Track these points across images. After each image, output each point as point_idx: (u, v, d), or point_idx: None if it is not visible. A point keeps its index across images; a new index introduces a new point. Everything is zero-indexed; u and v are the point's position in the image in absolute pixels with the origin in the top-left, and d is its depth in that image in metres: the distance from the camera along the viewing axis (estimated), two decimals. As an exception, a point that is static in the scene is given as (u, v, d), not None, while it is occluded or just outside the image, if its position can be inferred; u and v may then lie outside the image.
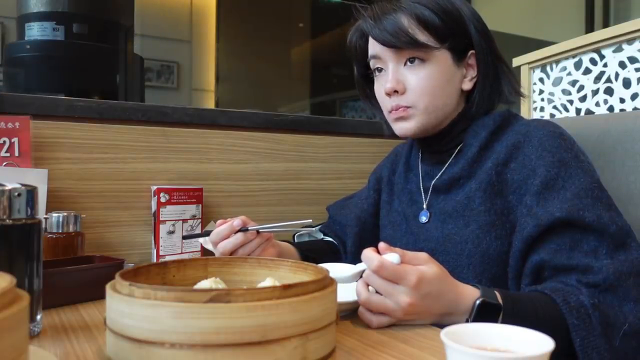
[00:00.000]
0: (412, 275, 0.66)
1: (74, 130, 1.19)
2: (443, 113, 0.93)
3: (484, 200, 0.86)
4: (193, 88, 3.77)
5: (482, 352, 0.42)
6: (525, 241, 0.79)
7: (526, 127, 0.89)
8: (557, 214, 0.77)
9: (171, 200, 1.22)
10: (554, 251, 0.77)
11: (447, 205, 0.91)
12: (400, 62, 0.91)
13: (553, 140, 0.84)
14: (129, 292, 0.50)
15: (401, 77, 0.91)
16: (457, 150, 0.95)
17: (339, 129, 1.54)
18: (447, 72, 0.91)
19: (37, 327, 0.62)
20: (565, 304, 0.71)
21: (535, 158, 0.83)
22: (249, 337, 0.48)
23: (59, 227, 0.99)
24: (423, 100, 0.90)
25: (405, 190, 1.03)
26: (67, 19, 1.58)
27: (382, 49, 0.91)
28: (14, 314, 0.34)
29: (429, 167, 1.00)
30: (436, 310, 0.68)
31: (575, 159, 0.83)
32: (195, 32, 3.74)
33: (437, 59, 0.90)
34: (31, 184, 0.61)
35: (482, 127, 0.93)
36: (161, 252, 1.21)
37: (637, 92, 1.23)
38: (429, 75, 0.90)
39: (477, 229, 0.85)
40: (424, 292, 0.66)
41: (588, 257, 0.75)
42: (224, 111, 1.39)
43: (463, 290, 0.70)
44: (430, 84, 0.90)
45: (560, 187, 0.80)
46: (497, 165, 0.87)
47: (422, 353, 0.58)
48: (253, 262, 0.71)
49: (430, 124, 0.93)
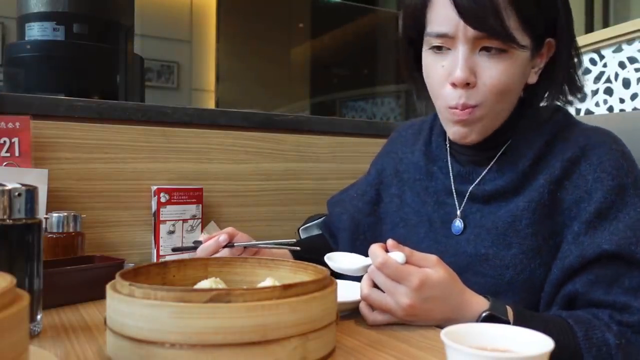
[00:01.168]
0: (415, 277, 0.64)
1: (74, 130, 1.19)
2: (506, 116, 0.80)
3: (532, 222, 0.75)
4: (193, 88, 3.77)
5: (482, 352, 0.42)
6: (566, 271, 0.72)
7: (585, 139, 0.78)
8: (604, 246, 0.70)
9: (171, 200, 1.22)
10: (591, 283, 0.70)
11: (485, 220, 0.80)
12: (476, 47, 0.73)
13: (614, 161, 0.75)
14: (129, 292, 0.50)
15: (473, 65, 0.73)
16: (502, 151, 0.82)
17: (339, 129, 1.54)
18: (524, 67, 0.76)
19: (37, 327, 0.62)
20: (586, 338, 0.66)
21: (592, 180, 0.74)
22: (249, 337, 0.48)
23: (59, 227, 0.99)
24: (494, 96, 0.74)
25: (429, 189, 0.89)
26: (67, 19, 1.58)
27: (458, 24, 0.72)
28: (14, 314, 0.34)
29: (463, 168, 0.86)
30: (438, 314, 0.66)
31: (634, 184, 0.74)
32: (195, 32, 3.75)
33: (518, 50, 0.73)
34: (31, 184, 0.61)
35: (536, 134, 0.80)
36: (161, 252, 1.21)
37: (636, 92, 1.23)
38: (507, 69, 0.73)
39: (520, 254, 0.75)
40: (425, 296, 0.64)
41: (628, 294, 0.69)
42: (224, 111, 1.39)
43: (470, 299, 0.67)
44: (507, 80, 0.74)
45: (614, 217, 0.72)
46: (550, 182, 0.76)
47: (422, 353, 0.58)
48: (253, 262, 0.71)
49: (491, 130, 0.80)
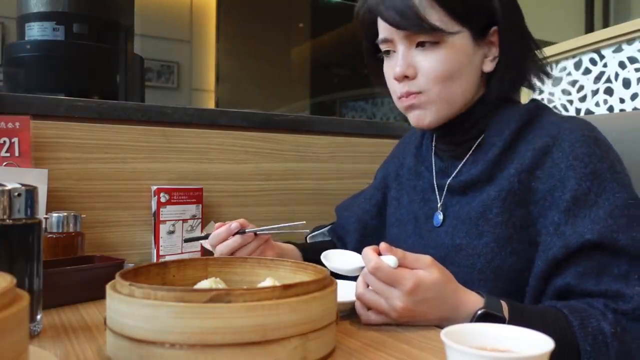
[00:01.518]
0: (408, 281, 0.64)
1: (74, 130, 1.19)
2: (461, 100, 0.83)
3: (502, 211, 0.77)
4: (193, 88, 3.77)
5: (482, 352, 0.42)
6: (550, 263, 0.72)
7: (557, 127, 0.78)
8: (587, 236, 0.70)
9: (171, 200, 1.22)
10: (581, 275, 0.70)
11: (460, 210, 0.83)
12: (411, 44, 0.81)
13: (586, 147, 0.75)
14: (129, 292, 0.50)
15: (412, 60, 0.81)
16: (477, 144, 0.86)
17: (339, 129, 1.54)
18: (466, 54, 0.80)
19: (37, 327, 0.62)
20: (581, 328, 0.66)
21: (565, 167, 0.74)
22: (249, 337, 0.48)
23: (59, 227, 0.99)
24: (436, 86, 0.80)
25: (417, 188, 0.95)
26: (67, 19, 1.57)
27: (390, 29, 0.81)
28: (14, 314, 0.34)
29: (443, 163, 0.91)
30: (433, 315, 0.67)
31: (611, 169, 0.74)
32: (195, 32, 3.74)
33: (454, 39, 0.79)
34: (31, 184, 0.61)
35: (505, 123, 0.83)
36: (161, 252, 1.21)
37: (637, 92, 1.23)
38: (444, 58, 0.79)
39: (491, 242, 0.77)
40: (419, 298, 0.65)
41: (618, 282, 0.69)
42: (224, 111, 1.39)
43: (465, 297, 0.68)
44: (446, 67, 0.79)
45: (592, 203, 0.72)
46: (520, 172, 0.78)
47: (423, 353, 0.58)
48: (253, 262, 0.71)
49: (447, 114, 0.83)
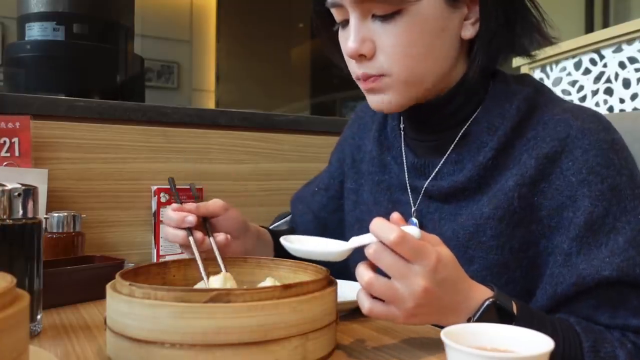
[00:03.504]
0: (432, 254, 0.52)
1: (74, 130, 1.19)
2: (435, 78, 0.67)
3: (498, 233, 0.64)
4: (193, 88, 3.77)
5: (482, 352, 0.42)
6: (558, 299, 0.62)
7: (565, 128, 0.64)
8: (604, 272, 0.59)
9: (171, 200, 1.22)
10: (594, 308, 0.61)
11: (444, 227, 0.68)
12: (365, 14, 0.65)
13: (603, 157, 0.61)
14: (129, 292, 0.50)
15: (368, 33, 0.65)
16: (461, 136, 0.70)
17: (339, 129, 1.53)
18: (437, 21, 0.64)
19: (37, 327, 0.62)
20: (593, 350, 0.58)
21: (577, 182, 0.61)
22: (249, 337, 0.48)
23: (59, 227, 0.99)
24: (399, 66, 0.65)
25: (382, 184, 0.78)
26: (68, 19, 1.58)
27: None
28: (14, 314, 0.34)
29: (418, 159, 0.74)
30: (447, 301, 0.55)
31: (631, 183, 0.62)
32: (195, 32, 3.74)
33: (419, 6, 0.63)
34: (31, 184, 0.61)
35: (499, 116, 0.67)
36: (161, 252, 1.21)
37: (636, 92, 1.23)
38: (408, 29, 0.63)
39: (483, 270, 0.65)
40: (440, 277, 0.53)
41: (637, 316, 0.60)
42: (224, 111, 1.39)
43: (475, 285, 0.57)
44: (411, 42, 0.64)
45: (611, 228, 0.60)
46: (522, 185, 0.64)
47: (423, 353, 0.58)
48: (253, 262, 0.71)
49: (415, 97, 0.68)
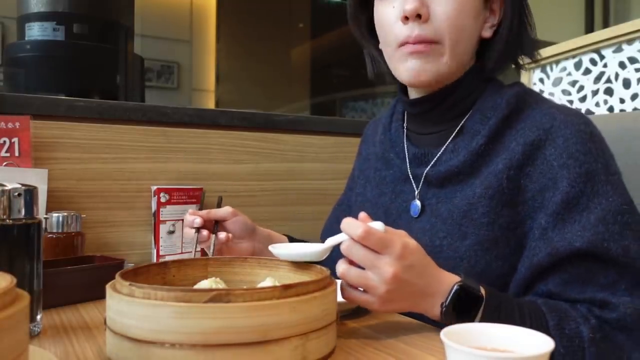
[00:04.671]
0: (397, 244, 0.59)
1: (74, 130, 1.19)
2: (462, 60, 0.76)
3: (488, 211, 0.71)
4: (193, 88, 3.77)
5: (482, 352, 0.42)
6: (534, 270, 0.68)
7: (549, 119, 0.72)
8: (576, 244, 0.65)
9: (171, 200, 1.22)
10: (565, 282, 0.67)
11: (440, 207, 0.76)
12: None
13: (582, 145, 0.69)
14: (129, 292, 0.50)
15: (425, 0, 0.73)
16: (458, 129, 0.78)
17: (339, 129, 1.54)
18: (476, 8, 0.74)
19: (37, 327, 0.62)
20: (557, 328, 0.63)
21: (558, 166, 0.69)
22: (249, 337, 0.48)
23: (59, 227, 0.99)
24: (451, 34, 0.72)
25: (386, 178, 0.86)
26: (68, 19, 1.58)
27: None
28: (14, 314, 0.34)
29: (419, 150, 0.82)
30: (418, 286, 0.61)
31: (605, 170, 0.69)
32: (195, 32, 3.74)
33: None
34: (31, 184, 0.61)
35: (491, 108, 0.75)
36: (161, 252, 1.21)
37: (637, 92, 1.23)
38: (461, 3, 0.72)
39: (475, 245, 0.71)
40: (407, 263, 0.60)
41: (604, 291, 0.65)
42: (224, 111, 1.39)
43: (442, 272, 0.64)
44: (461, 15, 0.72)
45: (584, 207, 0.67)
46: (510, 168, 0.71)
47: (422, 353, 0.58)
48: (253, 262, 0.71)
49: (446, 73, 0.75)
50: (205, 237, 0.84)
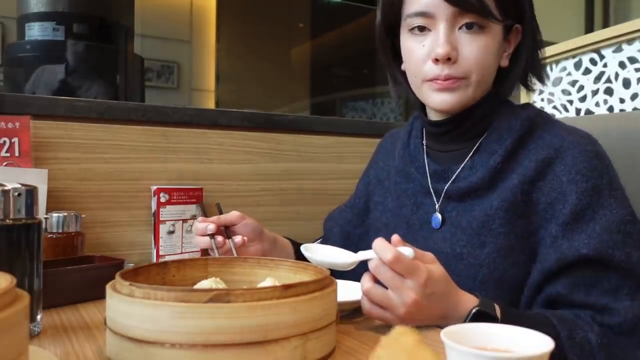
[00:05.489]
0: (423, 272, 0.64)
1: (74, 130, 1.19)
2: (485, 89, 0.84)
3: (505, 222, 0.77)
4: (193, 88, 3.77)
5: (482, 352, 0.42)
6: (545, 274, 0.74)
7: (559, 140, 0.79)
8: (583, 251, 0.71)
9: (171, 200, 1.22)
10: (572, 285, 0.72)
11: (460, 218, 0.82)
12: (456, 24, 0.79)
13: (588, 162, 0.76)
14: (129, 292, 0.50)
15: (454, 42, 0.79)
16: (476, 148, 0.84)
17: (339, 129, 1.54)
18: (498, 46, 0.82)
19: (37, 327, 0.62)
20: (569, 338, 0.67)
21: (567, 181, 0.75)
22: (249, 337, 0.48)
23: (59, 227, 0.99)
24: (477, 72, 0.80)
25: (407, 191, 0.91)
26: (68, 19, 1.58)
27: (435, 3, 0.78)
28: (14, 314, 0.34)
29: (440, 166, 0.87)
30: (436, 311, 0.66)
31: (609, 186, 0.76)
32: (195, 32, 3.74)
33: (493, 29, 0.79)
34: (31, 184, 0.61)
35: (506, 129, 0.82)
36: (161, 252, 1.21)
37: (637, 92, 1.23)
38: (486, 45, 0.79)
39: (493, 252, 0.77)
40: (429, 291, 0.64)
41: (607, 296, 0.71)
42: (224, 111, 1.39)
43: (463, 297, 0.69)
44: (486, 55, 0.80)
45: (590, 218, 0.73)
46: (523, 183, 0.78)
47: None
48: (253, 262, 0.71)
49: (472, 99, 0.83)
50: (221, 243, 0.88)
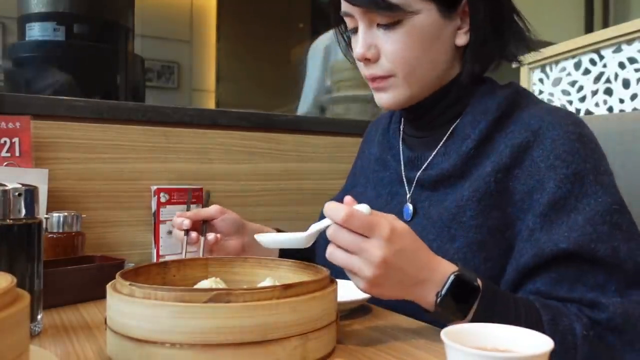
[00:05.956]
0: (384, 226, 0.56)
1: (74, 130, 1.19)
2: (432, 79, 0.77)
3: (476, 214, 0.71)
4: (193, 88, 3.77)
5: (482, 352, 0.42)
6: (521, 271, 0.68)
7: (538, 121, 0.71)
8: (562, 245, 0.64)
9: (171, 200, 1.22)
10: (554, 281, 0.66)
11: (431, 209, 0.76)
12: (371, 23, 0.75)
13: (569, 145, 0.68)
14: (129, 292, 0.51)
15: (373, 40, 0.75)
16: (450, 133, 0.78)
17: (338, 129, 1.54)
18: (432, 30, 0.73)
19: (38, 327, 0.62)
20: (551, 323, 0.62)
21: (545, 167, 0.68)
22: (249, 337, 0.48)
23: (59, 227, 0.99)
24: (401, 68, 0.74)
25: (383, 180, 0.86)
26: (68, 19, 1.58)
27: (349, 5, 0.75)
28: (15, 314, 0.34)
29: (412, 153, 0.83)
30: (409, 272, 0.58)
31: (594, 171, 0.68)
32: (195, 32, 3.74)
33: (416, 18, 0.72)
34: (31, 184, 0.61)
35: (482, 112, 0.75)
36: (161, 252, 1.21)
37: (636, 92, 1.23)
38: (407, 37, 0.72)
39: (464, 247, 0.70)
40: (397, 247, 0.57)
41: (594, 291, 0.64)
42: (224, 111, 1.39)
43: (440, 261, 0.61)
44: (409, 47, 0.73)
45: (572, 208, 0.66)
46: (497, 170, 0.71)
47: (422, 353, 0.58)
48: (253, 262, 0.71)
49: (416, 95, 0.77)
50: (194, 239, 0.85)
